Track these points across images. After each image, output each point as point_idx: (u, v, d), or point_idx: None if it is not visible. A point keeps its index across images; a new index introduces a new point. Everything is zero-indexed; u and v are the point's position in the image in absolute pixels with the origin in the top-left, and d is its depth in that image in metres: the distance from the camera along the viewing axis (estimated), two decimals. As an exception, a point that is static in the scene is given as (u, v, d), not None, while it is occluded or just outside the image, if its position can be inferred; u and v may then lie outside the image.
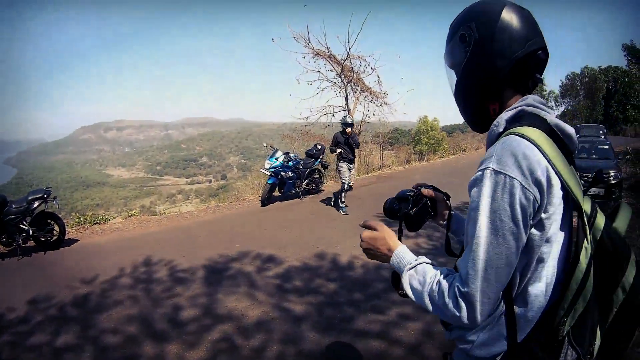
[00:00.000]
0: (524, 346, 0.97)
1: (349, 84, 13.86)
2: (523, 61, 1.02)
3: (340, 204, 8.09)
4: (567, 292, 0.91)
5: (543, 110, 1.02)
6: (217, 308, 4.03)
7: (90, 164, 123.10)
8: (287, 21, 13.43)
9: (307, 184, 9.86)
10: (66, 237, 6.61)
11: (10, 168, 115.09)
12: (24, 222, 5.99)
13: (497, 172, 0.90)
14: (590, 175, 8.52)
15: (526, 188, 0.88)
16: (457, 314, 0.92)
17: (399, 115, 15.46)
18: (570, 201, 0.94)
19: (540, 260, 0.95)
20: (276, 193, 9.44)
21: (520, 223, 0.89)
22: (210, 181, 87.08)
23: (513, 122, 1.01)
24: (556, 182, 0.91)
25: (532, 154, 0.90)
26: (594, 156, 10.08)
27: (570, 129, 1.01)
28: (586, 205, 0.95)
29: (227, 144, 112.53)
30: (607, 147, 10.26)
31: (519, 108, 1.02)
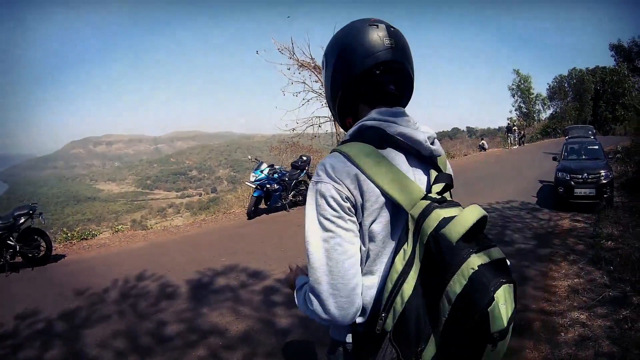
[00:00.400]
0: (364, 330, 1.06)
1: (334, 95, 13.82)
2: (366, 77, 1.09)
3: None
4: (384, 290, 0.96)
5: (385, 121, 1.07)
6: (202, 323, 4.06)
7: (80, 178, 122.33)
8: (272, 33, 13.37)
9: (293, 196, 9.89)
10: (53, 252, 6.62)
11: (1, 183, 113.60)
12: (11, 238, 6.00)
13: (315, 183, 1.01)
14: (580, 176, 8.48)
15: (339, 190, 0.98)
16: (311, 307, 1.00)
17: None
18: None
19: (368, 257, 1.04)
20: (263, 205, 9.46)
21: (345, 216, 0.98)
22: (200, 194, 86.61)
23: (356, 136, 1.09)
24: (368, 188, 0.98)
25: (341, 165, 1.00)
26: (583, 157, 10.00)
27: (418, 135, 1.06)
28: (416, 209, 0.94)
29: (216, 157, 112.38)
30: (596, 147, 10.17)
31: (360, 124, 1.10)
